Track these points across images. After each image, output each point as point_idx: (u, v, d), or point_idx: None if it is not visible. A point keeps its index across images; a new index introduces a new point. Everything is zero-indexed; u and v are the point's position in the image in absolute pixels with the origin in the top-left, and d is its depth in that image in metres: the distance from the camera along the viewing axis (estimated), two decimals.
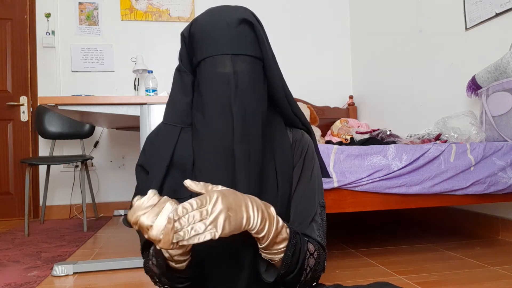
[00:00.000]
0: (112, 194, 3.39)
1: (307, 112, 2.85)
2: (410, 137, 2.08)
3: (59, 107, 1.71)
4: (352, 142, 2.20)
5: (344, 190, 1.55)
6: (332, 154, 1.54)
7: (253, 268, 0.76)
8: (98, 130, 3.34)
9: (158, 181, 0.78)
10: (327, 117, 3.42)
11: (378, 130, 2.18)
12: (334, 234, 2.23)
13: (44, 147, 3.31)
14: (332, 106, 3.56)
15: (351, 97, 3.62)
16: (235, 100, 0.76)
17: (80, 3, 3.39)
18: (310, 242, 0.78)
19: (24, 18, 3.30)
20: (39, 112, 3.08)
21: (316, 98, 3.52)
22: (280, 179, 0.81)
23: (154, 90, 2.52)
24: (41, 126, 3.07)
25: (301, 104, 2.90)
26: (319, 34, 3.74)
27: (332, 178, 1.51)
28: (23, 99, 3.29)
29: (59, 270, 1.61)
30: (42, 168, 3.21)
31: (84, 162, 2.81)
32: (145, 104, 1.74)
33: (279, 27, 3.54)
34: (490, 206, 2.14)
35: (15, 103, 3.27)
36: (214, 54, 0.76)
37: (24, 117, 3.29)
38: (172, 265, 0.71)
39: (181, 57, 0.83)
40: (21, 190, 3.21)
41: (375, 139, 2.03)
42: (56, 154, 3.19)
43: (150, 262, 0.77)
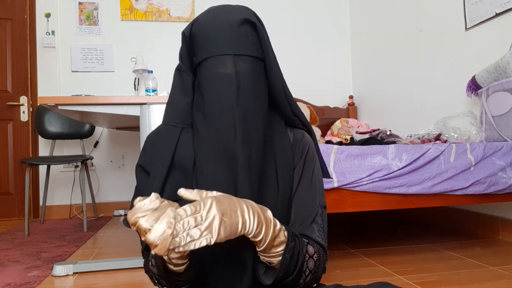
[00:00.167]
0: (112, 194, 3.39)
1: (307, 112, 2.85)
2: (410, 137, 2.08)
3: (59, 107, 1.71)
4: (352, 142, 2.20)
5: (344, 190, 1.55)
6: (332, 154, 1.54)
7: (254, 270, 0.75)
8: (98, 130, 3.34)
9: (160, 181, 0.78)
10: (327, 117, 3.42)
11: (378, 130, 2.18)
12: (334, 234, 2.23)
13: (44, 147, 3.31)
14: (332, 106, 3.56)
15: (351, 97, 3.62)
16: (237, 101, 0.75)
17: (80, 3, 3.39)
18: (310, 244, 0.78)
19: (24, 18, 3.30)
20: (39, 112, 3.08)
21: (316, 98, 3.52)
22: (280, 180, 0.81)
23: (154, 90, 2.52)
24: (41, 126, 3.08)
25: (301, 104, 2.90)
26: (319, 34, 3.74)
27: (332, 178, 1.51)
28: (23, 99, 3.29)
29: (59, 270, 1.61)
30: (42, 168, 3.21)
31: (84, 162, 2.81)
32: (145, 104, 1.74)
33: (279, 27, 3.54)
34: (490, 206, 2.14)
35: (15, 103, 3.27)
36: (215, 55, 0.75)
37: (24, 117, 3.29)
38: (170, 267, 0.71)
39: (181, 56, 0.82)
40: (21, 190, 3.21)
41: (375, 139, 2.03)
42: (56, 154, 3.19)
43: (150, 263, 0.77)
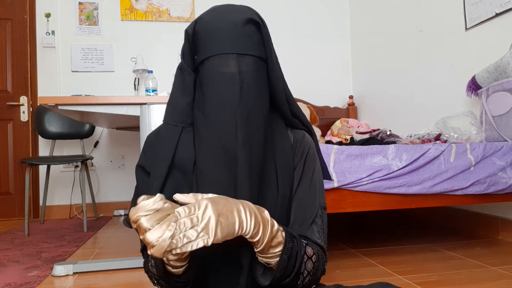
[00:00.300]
0: (112, 194, 3.39)
1: (307, 112, 2.85)
2: (410, 137, 2.08)
3: (59, 107, 1.71)
4: (352, 142, 2.20)
5: (344, 190, 1.55)
6: (332, 154, 1.54)
7: (251, 271, 0.75)
8: (98, 130, 3.34)
9: (160, 182, 0.77)
10: (327, 117, 3.42)
11: (378, 130, 2.18)
12: (334, 234, 2.23)
13: (44, 147, 3.31)
14: (332, 106, 3.56)
15: (351, 97, 3.62)
16: (240, 100, 0.74)
17: (80, 3, 3.39)
18: (309, 245, 0.77)
19: (24, 18, 3.30)
20: (39, 112, 3.08)
21: (316, 98, 3.52)
22: (280, 181, 0.80)
23: (154, 90, 2.52)
24: (41, 126, 3.08)
25: (301, 104, 2.90)
26: (319, 34, 3.74)
27: (333, 179, 1.51)
28: (23, 99, 3.29)
29: (59, 270, 1.61)
30: (42, 168, 3.21)
31: (84, 162, 2.81)
32: (145, 104, 1.74)
33: (279, 27, 3.54)
34: (490, 206, 2.14)
35: (15, 103, 3.27)
36: (219, 53, 0.75)
37: (24, 117, 3.29)
38: (169, 269, 0.71)
39: (183, 54, 0.81)
40: (21, 190, 3.21)
41: (375, 139, 2.03)
42: (56, 154, 3.19)
43: (149, 263, 0.77)
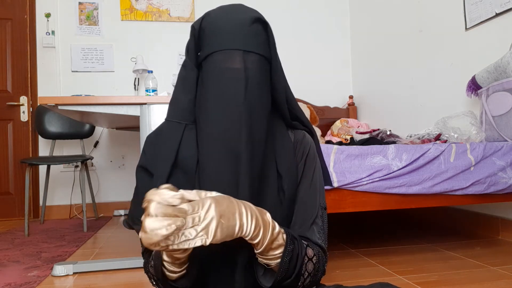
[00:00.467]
0: (112, 194, 3.39)
1: (307, 112, 2.85)
2: (410, 137, 2.08)
3: (59, 107, 1.71)
4: (352, 142, 2.20)
5: (344, 190, 1.55)
6: (332, 154, 1.54)
7: (248, 271, 0.75)
8: (98, 130, 3.34)
9: (163, 181, 0.77)
10: (327, 117, 3.42)
11: (378, 130, 2.18)
12: (334, 234, 2.23)
13: (44, 147, 3.31)
14: (332, 106, 3.56)
15: (351, 97, 3.62)
16: (245, 97, 0.74)
17: (80, 3, 3.39)
18: (310, 246, 0.77)
19: (24, 18, 3.30)
20: (39, 112, 3.08)
21: (316, 98, 3.52)
22: (283, 180, 0.80)
23: (154, 90, 2.52)
24: (41, 126, 3.07)
25: (301, 104, 2.89)
26: (319, 34, 3.74)
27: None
28: (23, 99, 3.29)
29: (59, 270, 1.61)
30: (42, 168, 3.21)
31: (84, 162, 2.81)
32: (145, 104, 1.74)
33: (279, 27, 3.51)
34: (490, 206, 2.14)
35: (15, 103, 3.27)
36: (224, 49, 0.75)
37: (24, 117, 3.29)
38: (166, 273, 0.71)
39: (188, 50, 0.81)
40: (21, 190, 3.21)
41: (375, 139, 2.03)
42: (56, 154, 3.19)
43: (149, 264, 0.77)
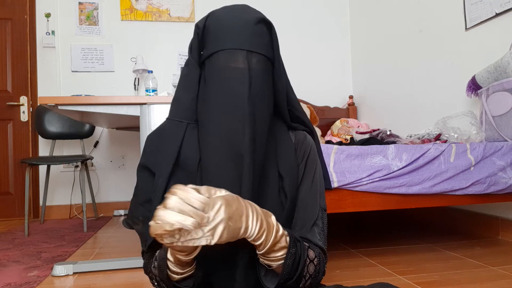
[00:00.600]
0: (112, 194, 3.39)
1: (307, 112, 2.85)
2: (410, 137, 2.07)
3: (59, 107, 1.71)
4: (352, 142, 2.19)
5: (344, 190, 1.55)
6: (332, 154, 1.54)
7: (249, 271, 0.75)
8: (98, 130, 3.34)
9: (164, 180, 0.77)
10: (327, 117, 3.42)
11: (378, 130, 2.18)
12: (334, 234, 2.23)
13: (44, 147, 3.31)
14: (332, 106, 3.56)
15: (351, 97, 3.62)
16: (249, 97, 0.74)
17: (80, 3, 3.39)
18: (311, 248, 0.77)
19: (24, 18, 3.30)
20: (39, 112, 3.08)
21: (316, 98, 3.52)
22: (284, 182, 0.80)
23: (154, 90, 2.52)
24: (41, 126, 3.07)
25: (301, 104, 2.89)
26: (319, 35, 3.74)
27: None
28: (23, 99, 3.29)
29: (59, 270, 1.61)
30: (42, 168, 3.21)
31: (84, 162, 2.81)
32: (145, 104, 1.74)
33: (279, 27, 3.50)
34: (490, 206, 2.14)
35: (15, 103, 3.27)
36: (229, 48, 0.74)
37: (24, 117, 3.29)
38: (170, 274, 0.71)
39: (191, 48, 0.81)
40: (21, 190, 3.21)
41: (375, 139, 2.03)
42: (56, 154, 3.19)
43: (152, 265, 0.77)
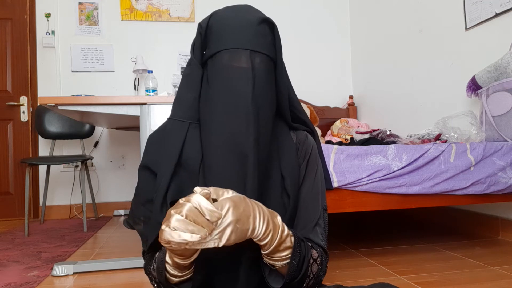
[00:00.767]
0: (112, 194, 3.39)
1: (307, 112, 2.85)
2: (410, 137, 2.07)
3: (59, 107, 1.71)
4: (352, 142, 2.19)
5: (344, 190, 1.55)
6: (332, 154, 1.54)
7: (253, 271, 0.75)
8: (98, 130, 3.34)
9: (166, 180, 0.76)
10: (327, 117, 3.42)
11: (378, 130, 2.18)
12: (334, 234, 2.23)
13: (44, 147, 3.31)
14: (332, 106, 3.56)
15: (351, 97, 3.62)
16: (252, 97, 0.74)
17: (80, 3, 3.39)
18: (314, 248, 0.77)
19: (24, 18, 3.30)
20: (39, 112, 3.08)
21: (316, 98, 3.52)
22: (286, 182, 0.80)
23: (154, 90, 2.52)
24: (41, 126, 3.07)
25: (301, 104, 2.89)
26: (319, 34, 3.74)
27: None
28: (23, 99, 3.29)
29: (59, 270, 1.61)
30: (42, 168, 3.21)
31: (84, 162, 2.81)
32: (145, 104, 1.74)
33: (279, 27, 3.51)
34: (490, 206, 2.14)
35: (15, 103, 3.27)
36: (232, 47, 0.74)
37: (24, 117, 3.29)
38: (168, 277, 0.71)
39: (193, 47, 0.80)
40: (21, 190, 3.21)
41: (375, 139, 2.03)
42: (56, 154, 3.20)
43: (152, 266, 0.77)
